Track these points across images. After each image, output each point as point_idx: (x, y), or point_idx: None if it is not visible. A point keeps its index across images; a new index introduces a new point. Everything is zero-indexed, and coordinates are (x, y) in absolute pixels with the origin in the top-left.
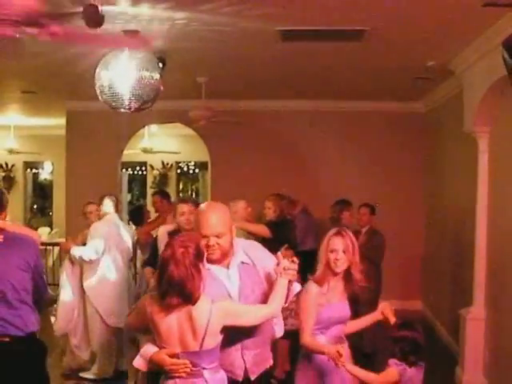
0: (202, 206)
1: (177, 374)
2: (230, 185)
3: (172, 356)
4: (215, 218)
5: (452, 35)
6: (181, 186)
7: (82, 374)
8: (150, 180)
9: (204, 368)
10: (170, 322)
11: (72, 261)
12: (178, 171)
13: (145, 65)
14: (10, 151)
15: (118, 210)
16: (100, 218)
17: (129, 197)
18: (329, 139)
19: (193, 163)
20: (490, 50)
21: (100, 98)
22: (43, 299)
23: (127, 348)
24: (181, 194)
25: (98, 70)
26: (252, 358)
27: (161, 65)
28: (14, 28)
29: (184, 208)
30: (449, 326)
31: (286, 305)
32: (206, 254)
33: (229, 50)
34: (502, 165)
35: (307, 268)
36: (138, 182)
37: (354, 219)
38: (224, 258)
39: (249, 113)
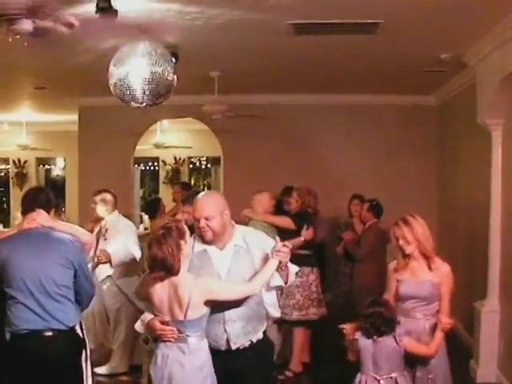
0: (200, 194)
1: (166, 339)
2: (242, 180)
3: (162, 323)
4: (204, 203)
5: (466, 27)
6: (193, 181)
7: (97, 370)
8: (162, 175)
9: (188, 335)
10: (161, 294)
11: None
12: (190, 166)
13: (158, 59)
14: (23, 147)
15: (115, 205)
16: (99, 214)
17: (141, 192)
18: (341, 133)
19: (205, 158)
20: (504, 41)
21: (113, 92)
22: (88, 297)
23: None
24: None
25: (111, 65)
26: (236, 330)
27: (174, 59)
28: (31, 22)
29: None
30: (463, 319)
31: (287, 284)
32: (201, 235)
33: (241, 44)
34: None
35: (321, 257)
36: (150, 178)
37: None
38: (217, 239)
39: (261, 107)
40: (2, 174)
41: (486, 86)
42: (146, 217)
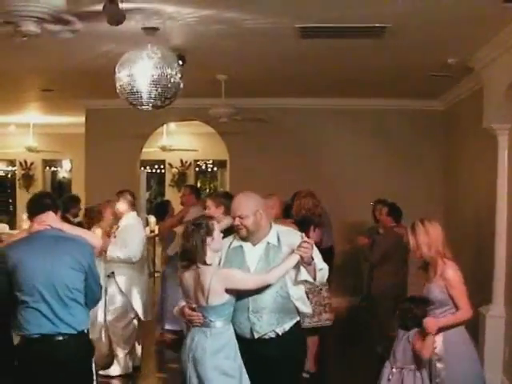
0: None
1: (194, 323)
2: (248, 183)
3: (190, 309)
4: (238, 203)
5: (472, 32)
6: (199, 185)
7: (102, 372)
8: (168, 178)
9: (211, 320)
10: (188, 281)
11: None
12: (197, 169)
13: (164, 63)
14: (29, 149)
15: (134, 206)
16: (119, 215)
17: (147, 195)
18: (348, 137)
19: (211, 161)
20: (511, 46)
21: (120, 95)
22: (95, 300)
23: (140, 344)
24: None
25: (117, 68)
26: (259, 320)
27: (180, 62)
28: (38, 24)
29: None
30: (468, 324)
31: (318, 281)
32: (237, 232)
33: (248, 48)
34: None
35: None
36: (156, 180)
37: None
38: (252, 236)
39: (268, 110)
40: (9, 176)
41: (493, 90)
42: (151, 219)
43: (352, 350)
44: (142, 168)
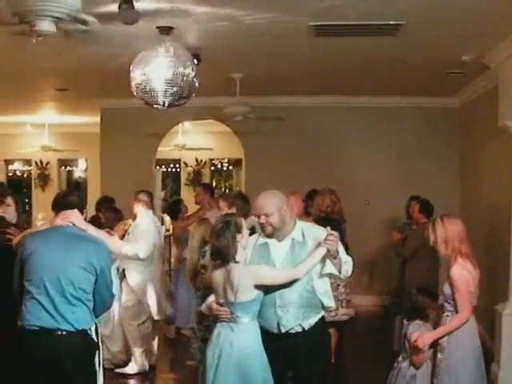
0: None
1: (221, 319)
2: (264, 182)
3: (218, 304)
4: (263, 201)
5: (488, 29)
6: (214, 183)
7: (118, 370)
8: (183, 177)
9: (238, 316)
10: (218, 278)
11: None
12: (212, 168)
13: (179, 61)
14: (45, 149)
15: (153, 206)
16: (134, 214)
17: (162, 194)
18: (363, 135)
19: (226, 160)
20: None
21: (135, 94)
22: (104, 306)
23: (156, 342)
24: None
25: (133, 67)
26: (286, 315)
27: (195, 61)
28: (54, 23)
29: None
30: (484, 322)
31: (343, 275)
32: (262, 230)
33: (263, 46)
34: None
35: None
36: (171, 179)
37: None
38: (277, 233)
39: (283, 109)
40: (25, 176)
41: (508, 88)
42: (167, 218)
43: (373, 349)
44: (158, 167)
